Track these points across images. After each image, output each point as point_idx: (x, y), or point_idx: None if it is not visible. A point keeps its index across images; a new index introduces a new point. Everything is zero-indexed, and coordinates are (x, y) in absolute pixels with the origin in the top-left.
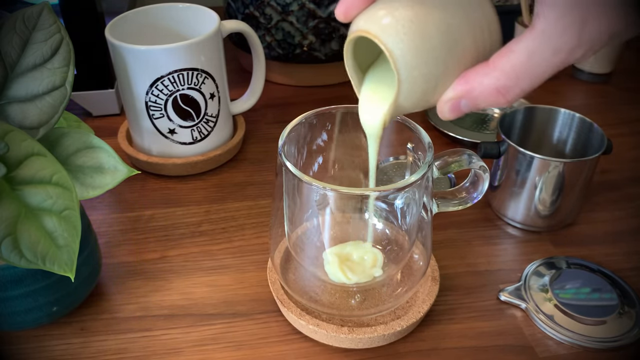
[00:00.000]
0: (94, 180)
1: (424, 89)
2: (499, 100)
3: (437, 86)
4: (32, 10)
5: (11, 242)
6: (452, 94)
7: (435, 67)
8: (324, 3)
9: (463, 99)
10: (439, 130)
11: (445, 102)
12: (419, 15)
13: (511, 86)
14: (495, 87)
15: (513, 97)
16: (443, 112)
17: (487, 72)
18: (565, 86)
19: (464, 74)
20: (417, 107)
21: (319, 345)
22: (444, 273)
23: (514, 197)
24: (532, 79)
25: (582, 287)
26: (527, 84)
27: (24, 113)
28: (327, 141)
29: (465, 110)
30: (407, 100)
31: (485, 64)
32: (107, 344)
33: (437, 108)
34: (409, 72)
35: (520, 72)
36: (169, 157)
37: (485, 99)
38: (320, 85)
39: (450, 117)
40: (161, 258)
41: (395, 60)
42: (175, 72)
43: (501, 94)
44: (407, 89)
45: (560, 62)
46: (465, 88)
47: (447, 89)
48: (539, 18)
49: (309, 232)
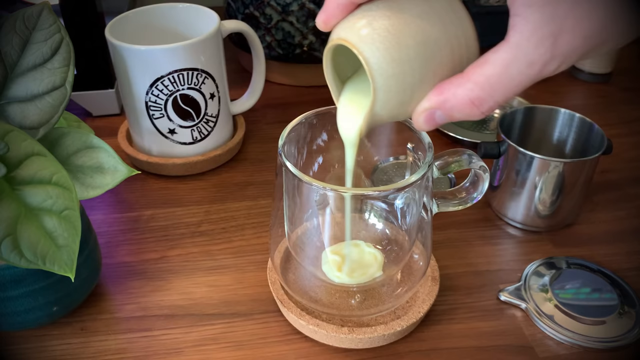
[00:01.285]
0: (94, 180)
1: (400, 98)
2: (473, 111)
3: (413, 96)
4: (32, 10)
5: (11, 242)
6: (426, 105)
7: (412, 77)
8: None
9: (437, 109)
10: (439, 130)
11: (420, 112)
12: (396, 26)
13: (485, 98)
14: (469, 98)
15: (487, 108)
16: (418, 122)
17: (460, 83)
18: (565, 86)
19: (439, 85)
20: (393, 117)
21: (319, 345)
22: (444, 273)
23: (514, 197)
24: (506, 90)
25: (582, 287)
26: (500, 96)
27: (24, 113)
28: (327, 141)
29: (439, 122)
30: (383, 109)
31: (460, 75)
32: (107, 344)
33: (412, 118)
34: (385, 81)
35: (494, 84)
36: (169, 157)
37: (459, 110)
38: (320, 85)
39: (425, 129)
40: (161, 258)
41: (371, 68)
42: (175, 72)
43: (475, 106)
44: (383, 98)
45: (535, 75)
46: (440, 99)
47: (422, 99)
48: (514, 30)
49: (309, 232)
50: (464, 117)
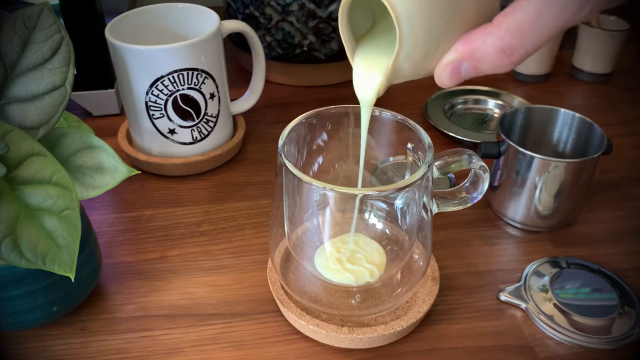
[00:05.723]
0: (94, 180)
1: (425, 48)
2: (503, 61)
3: (438, 48)
4: (32, 10)
5: (11, 242)
6: (453, 56)
7: (438, 23)
8: (324, 3)
9: (464, 61)
10: (439, 130)
11: (445, 65)
12: None
13: (516, 45)
14: (500, 46)
15: (517, 58)
16: (442, 77)
17: (490, 31)
18: (565, 86)
19: (466, 35)
20: (415, 72)
21: (319, 345)
22: (444, 273)
23: (514, 197)
24: (538, 38)
25: (582, 287)
26: (532, 45)
27: (24, 113)
28: (327, 141)
29: (464, 76)
30: (406, 62)
31: (489, 24)
32: (107, 344)
33: (435, 74)
34: (411, 28)
35: (526, 31)
36: (169, 157)
37: (488, 61)
38: (320, 85)
39: (448, 84)
40: (161, 258)
41: (398, 14)
42: (175, 72)
43: (505, 54)
44: (408, 46)
45: (567, 20)
46: (468, 49)
47: (447, 51)
48: None
49: (309, 232)
50: (491, 69)
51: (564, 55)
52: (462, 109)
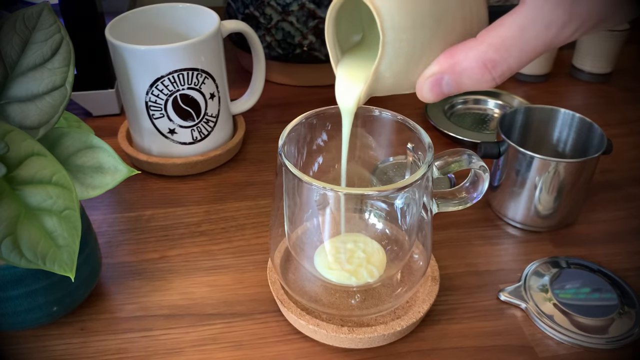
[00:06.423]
0: (94, 180)
1: (408, 57)
2: (484, 76)
3: (421, 60)
4: (32, 10)
5: (11, 242)
6: (435, 69)
7: (422, 33)
8: (324, 3)
9: (446, 74)
10: (439, 130)
11: (426, 78)
12: None
13: (499, 60)
14: (482, 60)
15: (499, 73)
16: (423, 90)
17: (473, 45)
18: (565, 86)
19: (450, 49)
20: (396, 84)
21: (319, 345)
22: (444, 273)
23: (514, 197)
24: (521, 55)
25: (582, 287)
26: (514, 61)
27: (24, 113)
28: (327, 141)
29: (446, 90)
30: (389, 70)
31: (473, 39)
32: (107, 344)
33: (416, 87)
34: (396, 35)
35: (509, 46)
36: (169, 157)
37: (470, 75)
38: (320, 85)
39: (429, 98)
40: (161, 258)
41: (383, 19)
42: (175, 72)
43: (487, 69)
44: (391, 55)
45: (551, 39)
46: (450, 62)
47: (430, 64)
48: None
49: (309, 232)
50: (473, 85)
51: (564, 55)
52: (462, 109)
